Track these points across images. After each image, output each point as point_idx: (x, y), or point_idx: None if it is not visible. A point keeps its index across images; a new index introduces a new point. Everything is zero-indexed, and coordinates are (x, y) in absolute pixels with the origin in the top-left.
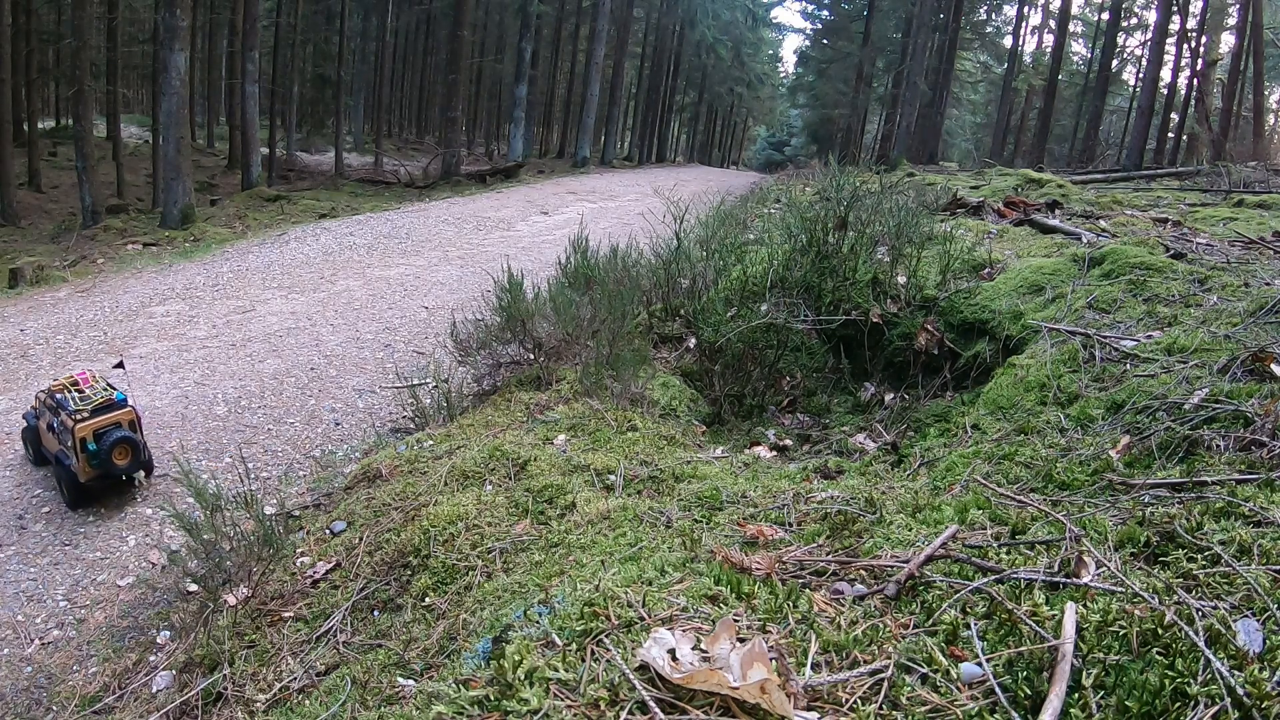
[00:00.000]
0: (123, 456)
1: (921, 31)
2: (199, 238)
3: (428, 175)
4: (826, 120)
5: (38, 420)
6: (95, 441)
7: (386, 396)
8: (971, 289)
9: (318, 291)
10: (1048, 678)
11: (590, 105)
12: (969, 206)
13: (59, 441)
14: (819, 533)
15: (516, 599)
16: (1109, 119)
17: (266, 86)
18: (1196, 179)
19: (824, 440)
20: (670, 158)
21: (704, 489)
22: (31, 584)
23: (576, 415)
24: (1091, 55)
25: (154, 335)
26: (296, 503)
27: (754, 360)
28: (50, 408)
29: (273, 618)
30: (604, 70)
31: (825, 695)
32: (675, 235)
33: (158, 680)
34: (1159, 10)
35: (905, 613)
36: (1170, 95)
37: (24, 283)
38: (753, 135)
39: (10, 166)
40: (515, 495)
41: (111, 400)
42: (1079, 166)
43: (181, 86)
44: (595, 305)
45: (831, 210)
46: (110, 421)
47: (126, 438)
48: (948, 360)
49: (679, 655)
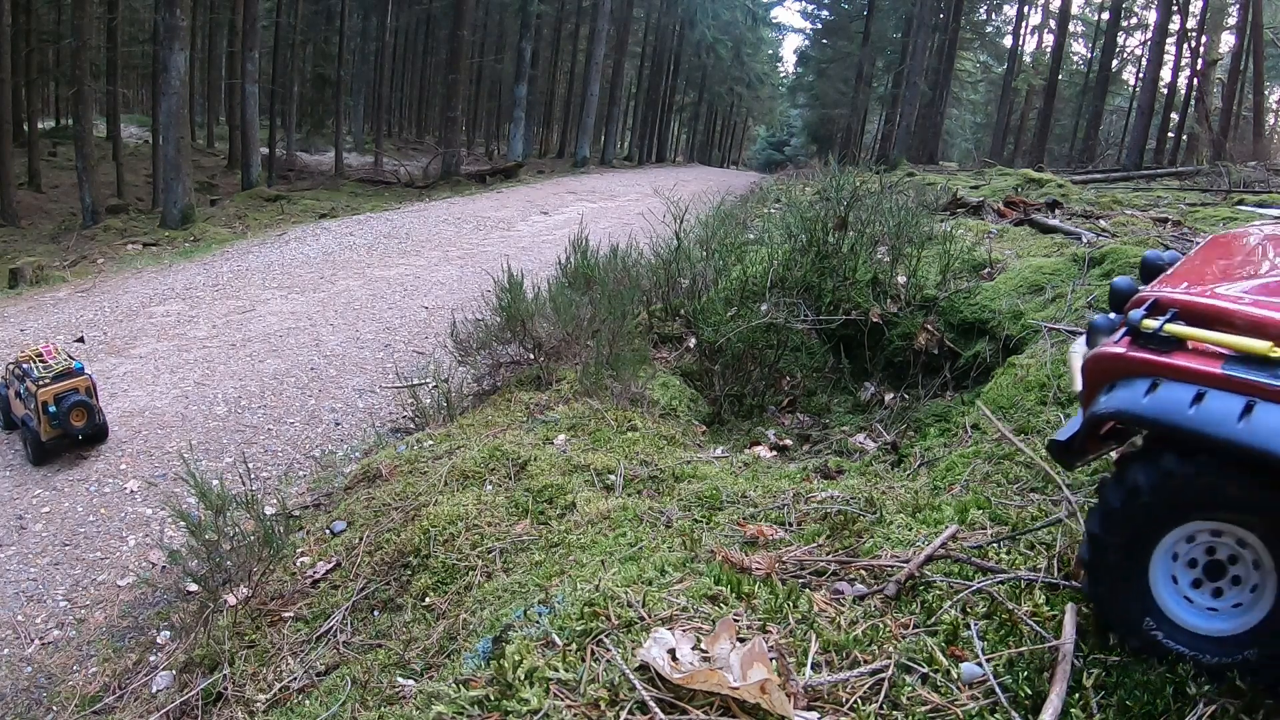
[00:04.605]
0: (79, 418)
1: (921, 31)
2: (199, 238)
3: (428, 175)
4: (826, 120)
5: (7, 390)
6: (55, 404)
7: (386, 396)
8: (971, 289)
9: (318, 291)
10: (1048, 678)
11: (590, 105)
12: (969, 206)
13: (24, 405)
14: (819, 533)
15: (516, 599)
16: (1109, 119)
17: (266, 86)
18: (1196, 179)
19: (824, 440)
20: (670, 158)
21: (704, 489)
22: (31, 584)
23: (576, 415)
24: (1091, 55)
25: (154, 335)
26: (297, 503)
27: (754, 360)
28: (17, 376)
29: (273, 618)
30: (604, 70)
31: (825, 695)
32: (675, 235)
33: (158, 680)
34: (1159, 10)
35: (905, 613)
36: (1170, 95)
37: (24, 283)
38: (753, 135)
39: (10, 166)
40: (515, 495)
41: (71, 369)
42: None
43: (181, 86)
44: (595, 305)
45: (831, 210)
46: (69, 387)
47: (82, 401)
48: (948, 360)
49: (679, 655)
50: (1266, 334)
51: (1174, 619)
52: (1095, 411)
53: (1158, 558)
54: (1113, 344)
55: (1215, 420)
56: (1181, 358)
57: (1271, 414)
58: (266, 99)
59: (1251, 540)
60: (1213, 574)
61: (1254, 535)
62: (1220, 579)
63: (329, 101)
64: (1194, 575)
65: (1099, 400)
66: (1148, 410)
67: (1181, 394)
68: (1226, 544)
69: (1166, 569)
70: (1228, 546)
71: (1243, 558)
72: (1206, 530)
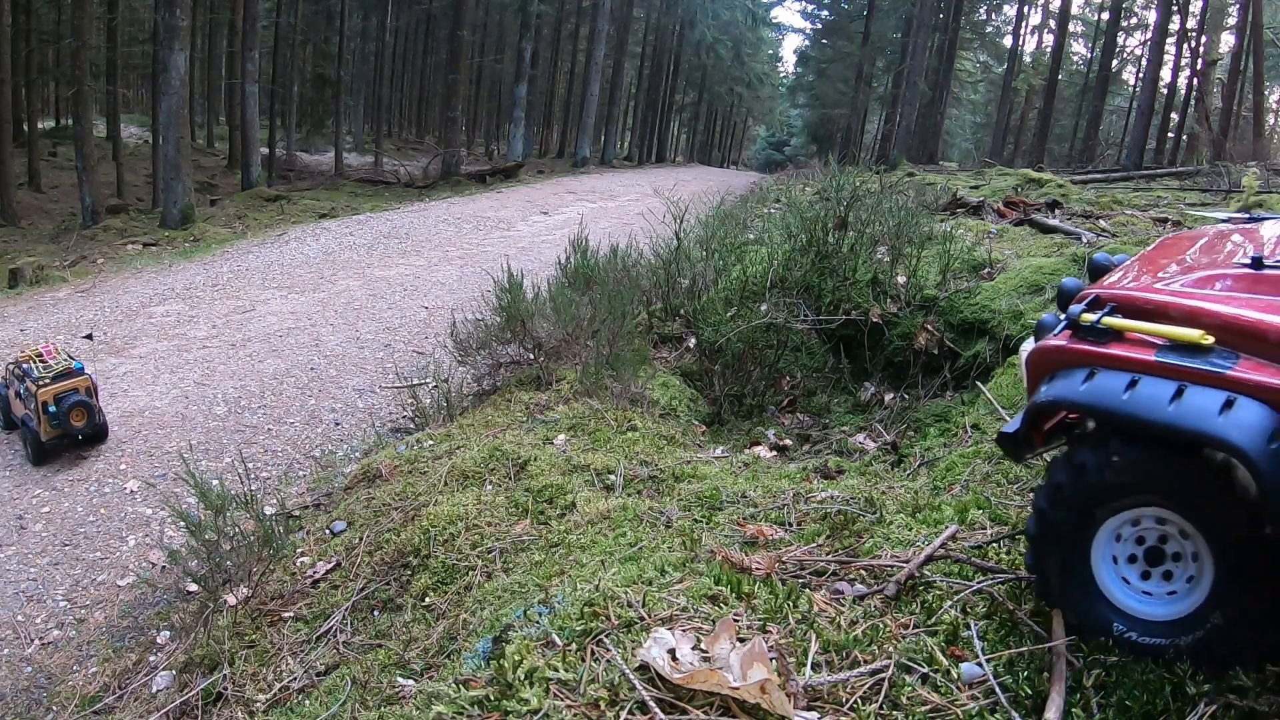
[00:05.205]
0: (79, 418)
1: (921, 31)
2: (199, 238)
3: (427, 175)
4: (826, 120)
5: (7, 389)
6: (55, 404)
7: (386, 396)
8: (971, 289)
9: (318, 291)
10: (1048, 678)
11: (590, 105)
12: (969, 206)
13: (24, 405)
14: (819, 533)
15: (516, 599)
16: (1109, 119)
17: (266, 86)
18: (1196, 179)
19: (824, 440)
20: (670, 157)
21: (704, 489)
22: (31, 584)
23: (576, 415)
24: (1091, 55)
25: (154, 335)
26: (296, 503)
27: (754, 360)
28: (17, 376)
29: (273, 618)
30: (604, 70)
31: (825, 695)
32: (675, 235)
33: (158, 680)
34: (1159, 10)
35: (905, 613)
36: (1170, 95)
37: (24, 283)
38: (753, 135)
39: (10, 166)
40: (515, 495)
41: (70, 369)
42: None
43: (181, 86)
44: (595, 305)
45: (831, 210)
46: (69, 387)
47: (82, 401)
48: (948, 360)
49: (679, 655)
50: (1200, 323)
51: (1112, 600)
52: (1036, 401)
53: (1101, 539)
54: (1054, 338)
55: (1147, 404)
56: (1117, 348)
57: (1202, 396)
58: (266, 99)
59: (1189, 529)
60: (1153, 560)
61: (1190, 524)
62: (1160, 565)
63: (329, 101)
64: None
65: (1040, 390)
66: (1084, 397)
67: (1116, 381)
68: (1168, 531)
69: (1109, 550)
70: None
71: (1183, 545)
72: (1151, 517)
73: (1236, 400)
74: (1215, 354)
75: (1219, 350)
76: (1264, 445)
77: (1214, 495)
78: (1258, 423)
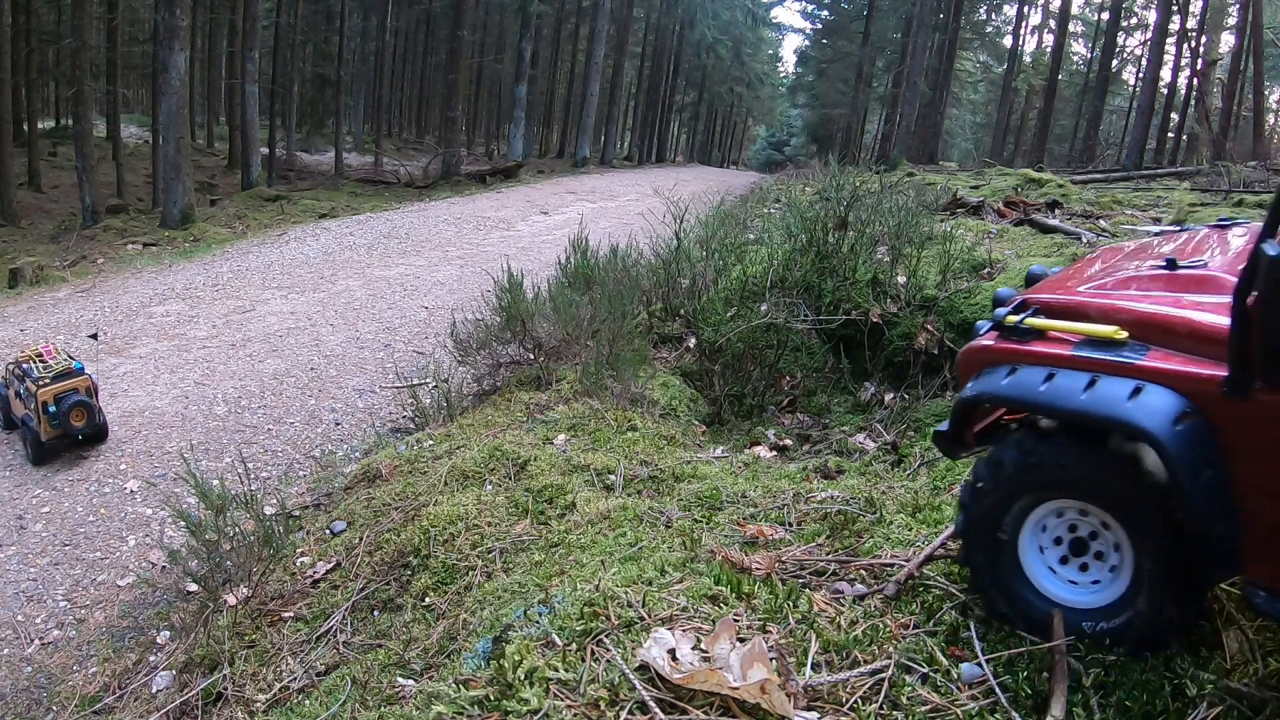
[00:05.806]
0: (79, 418)
1: (921, 31)
2: (199, 238)
3: (428, 175)
4: (826, 120)
5: (7, 389)
6: (55, 404)
7: (386, 396)
8: (971, 289)
9: (318, 291)
10: (1048, 677)
11: (590, 105)
12: (969, 206)
13: (24, 405)
14: (819, 533)
15: (516, 599)
16: (1109, 119)
17: (266, 86)
18: (1196, 179)
19: (824, 440)
20: (670, 157)
21: (704, 489)
22: (31, 584)
23: (576, 415)
24: (1091, 55)
25: (154, 335)
26: (296, 503)
27: (754, 360)
28: (17, 376)
29: (273, 618)
30: (604, 70)
31: (825, 695)
32: (675, 235)
33: (158, 680)
34: (1159, 10)
35: (905, 613)
36: (1170, 95)
37: (24, 283)
38: (753, 135)
39: (10, 166)
40: (515, 495)
41: (70, 369)
42: (1079, 166)
43: (181, 86)
44: (595, 305)
45: (831, 210)
46: (69, 387)
47: (82, 401)
48: (948, 360)
49: (679, 655)
50: (1115, 320)
51: (1040, 588)
52: (962, 397)
53: (1026, 531)
54: (981, 338)
55: (1062, 394)
56: (1038, 345)
57: (1112, 385)
58: (266, 99)
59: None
60: (1077, 550)
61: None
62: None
63: (329, 101)
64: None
65: (966, 387)
66: (1004, 390)
67: (1036, 375)
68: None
69: (1035, 541)
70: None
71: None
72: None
73: (1144, 387)
74: (1128, 347)
75: (1131, 344)
76: (1169, 427)
77: (1124, 485)
78: (1164, 406)
